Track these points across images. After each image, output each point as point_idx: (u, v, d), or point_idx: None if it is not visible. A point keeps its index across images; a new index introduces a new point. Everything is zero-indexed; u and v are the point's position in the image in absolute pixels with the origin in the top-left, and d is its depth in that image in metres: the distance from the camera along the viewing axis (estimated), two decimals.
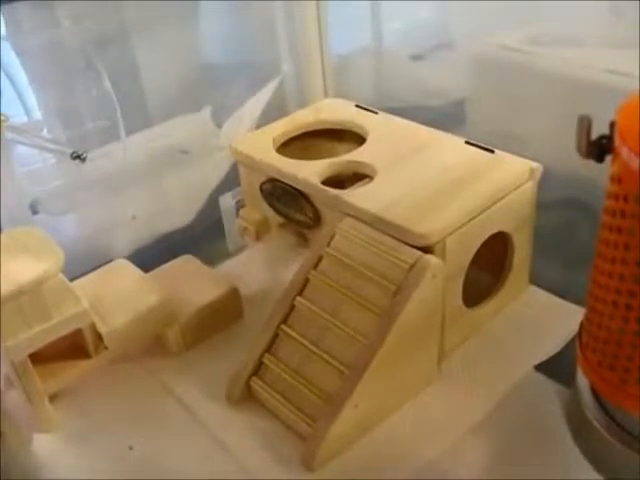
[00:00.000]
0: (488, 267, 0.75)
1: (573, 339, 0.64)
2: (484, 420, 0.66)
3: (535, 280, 0.81)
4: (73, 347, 0.70)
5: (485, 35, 1.01)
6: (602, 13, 0.89)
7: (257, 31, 1.08)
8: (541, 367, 0.70)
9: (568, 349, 0.70)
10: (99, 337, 0.69)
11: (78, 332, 0.68)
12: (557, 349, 0.71)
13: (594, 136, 0.47)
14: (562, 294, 0.79)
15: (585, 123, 0.46)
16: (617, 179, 0.45)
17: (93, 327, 0.69)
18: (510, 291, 0.77)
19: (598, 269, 0.50)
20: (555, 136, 0.88)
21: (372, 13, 1.14)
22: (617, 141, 0.45)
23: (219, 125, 1.02)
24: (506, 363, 0.72)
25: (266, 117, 0.97)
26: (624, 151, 0.43)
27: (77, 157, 0.75)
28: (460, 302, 0.71)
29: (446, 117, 1.06)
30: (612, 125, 0.47)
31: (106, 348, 0.70)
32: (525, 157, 0.73)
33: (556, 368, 0.70)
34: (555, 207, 0.93)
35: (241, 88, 1.04)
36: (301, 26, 1.05)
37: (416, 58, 1.16)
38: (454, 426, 0.66)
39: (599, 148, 0.47)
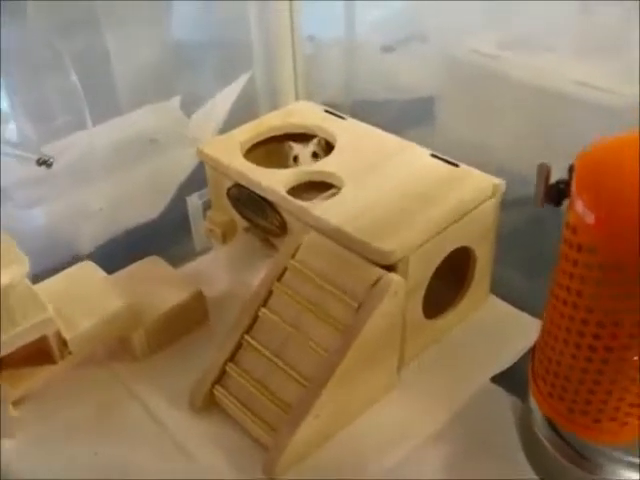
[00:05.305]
0: (449, 278, 0.76)
1: (528, 352, 0.66)
2: (442, 429, 0.68)
3: (495, 284, 0.82)
4: (38, 352, 0.70)
5: (459, 29, 1.00)
6: (574, 13, 0.89)
7: (228, 19, 1.06)
8: (497, 379, 0.72)
9: (523, 362, 0.71)
10: (64, 342, 0.70)
11: (43, 337, 0.68)
12: (512, 362, 0.73)
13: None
14: (522, 299, 0.81)
15: (544, 171, 0.47)
16: (572, 228, 0.46)
17: (58, 332, 0.69)
18: (471, 302, 0.79)
19: (552, 306, 0.52)
20: (520, 142, 0.89)
21: (345, 3, 1.13)
22: (573, 191, 0.46)
23: (188, 115, 1.01)
24: (464, 373, 0.73)
25: (236, 111, 0.97)
26: (579, 204, 0.44)
27: (43, 163, 0.74)
28: (421, 314, 0.72)
29: (415, 113, 1.06)
30: (571, 169, 0.48)
31: (70, 353, 0.71)
32: (490, 161, 0.73)
33: (511, 380, 0.71)
34: (518, 206, 0.94)
35: (211, 78, 1.03)
36: (273, 14, 1.04)
37: (387, 49, 1.15)
38: (412, 434, 0.68)
39: (557, 192, 0.48)
